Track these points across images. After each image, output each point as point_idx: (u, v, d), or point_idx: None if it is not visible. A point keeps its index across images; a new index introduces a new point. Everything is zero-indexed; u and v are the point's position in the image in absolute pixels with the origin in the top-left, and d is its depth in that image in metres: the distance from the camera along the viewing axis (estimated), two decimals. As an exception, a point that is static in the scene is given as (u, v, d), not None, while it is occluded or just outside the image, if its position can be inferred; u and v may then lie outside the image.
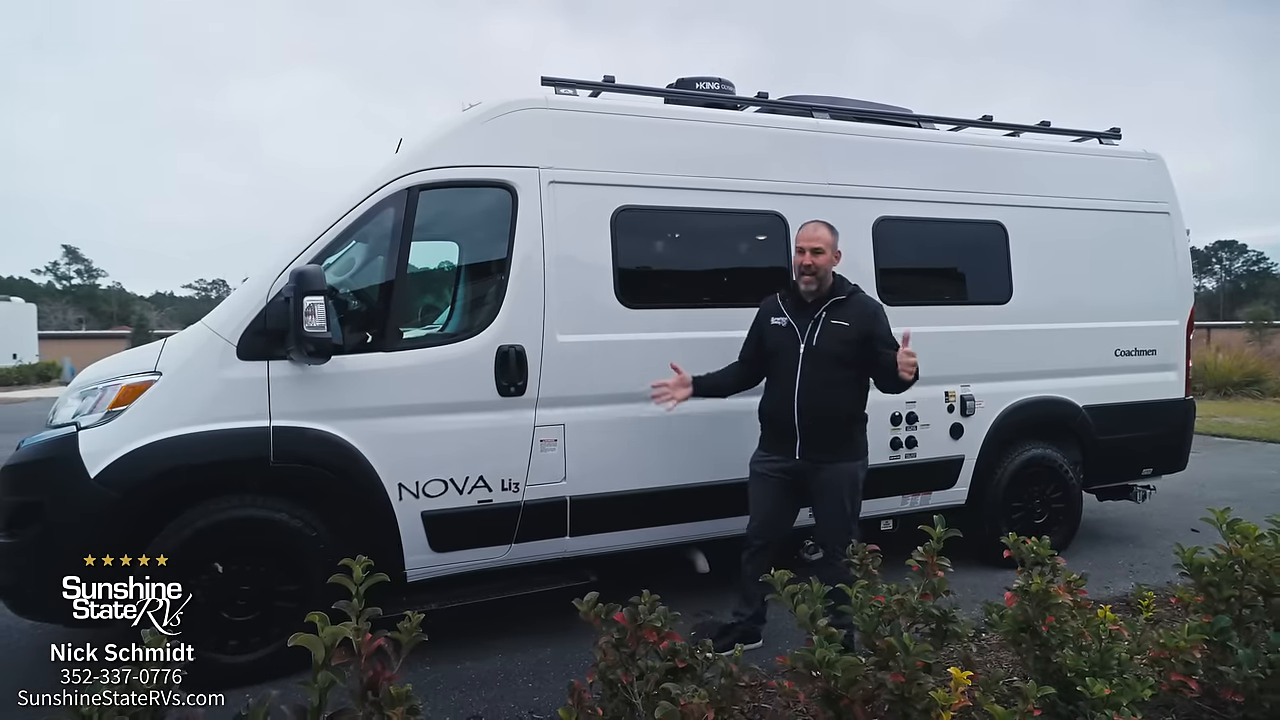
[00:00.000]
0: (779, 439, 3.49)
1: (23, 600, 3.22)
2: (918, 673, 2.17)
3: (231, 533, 3.21)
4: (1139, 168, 5.31)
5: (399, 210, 3.51)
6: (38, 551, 3.08)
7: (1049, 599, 2.53)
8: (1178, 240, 5.35)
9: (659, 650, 2.17)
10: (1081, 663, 2.48)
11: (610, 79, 4.15)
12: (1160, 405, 5.22)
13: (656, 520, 3.93)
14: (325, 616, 1.55)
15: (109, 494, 3.05)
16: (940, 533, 2.53)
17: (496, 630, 3.78)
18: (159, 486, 3.12)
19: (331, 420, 3.34)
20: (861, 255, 4.37)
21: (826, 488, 3.42)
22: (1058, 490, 4.94)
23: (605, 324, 3.79)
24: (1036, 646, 2.56)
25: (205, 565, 3.17)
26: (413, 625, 2.03)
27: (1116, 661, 2.52)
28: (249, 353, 3.26)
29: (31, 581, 3.12)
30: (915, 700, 2.18)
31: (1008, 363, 4.74)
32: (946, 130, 5.07)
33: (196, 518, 3.16)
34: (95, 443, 3.11)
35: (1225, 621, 2.69)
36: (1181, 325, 5.32)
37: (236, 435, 3.20)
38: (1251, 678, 2.46)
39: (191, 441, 3.15)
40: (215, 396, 3.22)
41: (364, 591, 1.89)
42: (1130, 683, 2.39)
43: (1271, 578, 2.75)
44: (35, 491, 3.16)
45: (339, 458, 3.33)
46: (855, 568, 2.71)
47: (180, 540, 3.11)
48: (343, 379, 3.36)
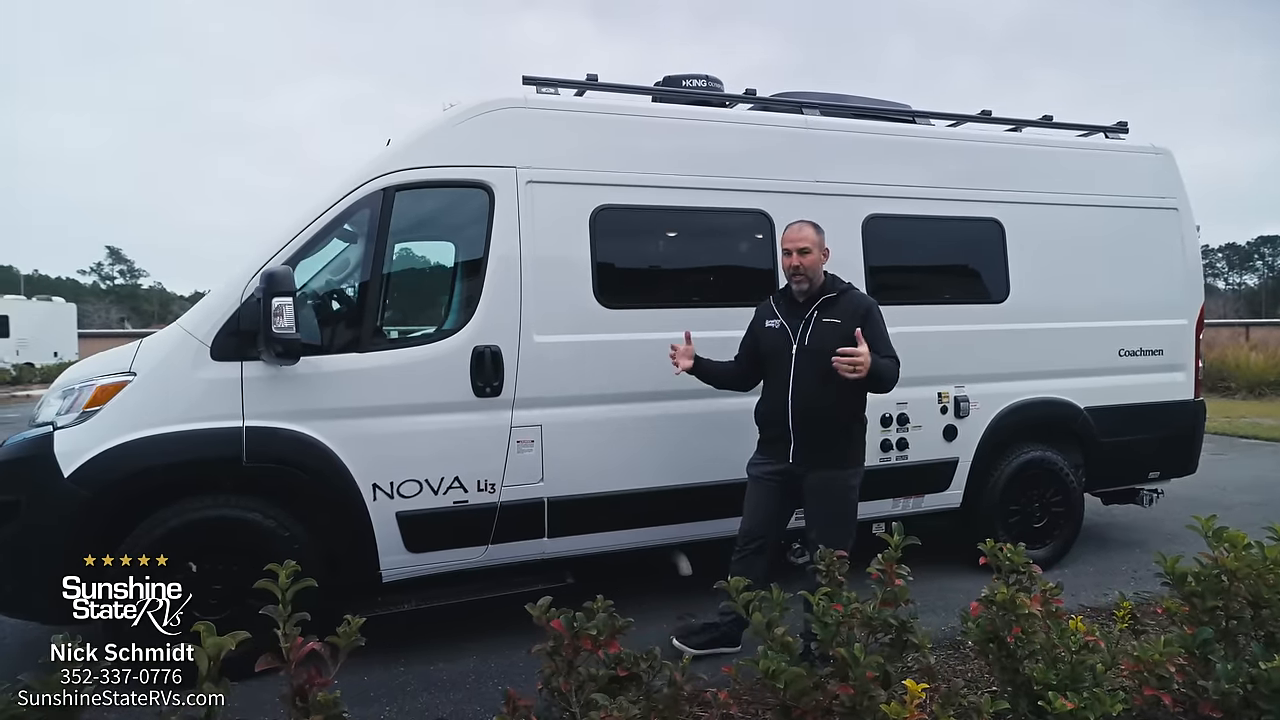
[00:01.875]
0: (774, 443, 3.42)
1: (3, 597, 3.27)
2: (868, 684, 2.11)
3: (205, 533, 3.23)
4: (1146, 163, 5.15)
5: (375, 211, 3.51)
6: (16, 550, 3.13)
7: (1015, 608, 2.45)
8: (1187, 237, 5.18)
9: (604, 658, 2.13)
10: (1050, 675, 2.39)
11: (593, 77, 4.11)
12: (1167, 407, 5.06)
13: (637, 522, 3.89)
14: (211, 627, 1.53)
15: (81, 493, 3.09)
16: (898, 540, 2.45)
17: (472, 631, 3.77)
18: (131, 486, 3.15)
19: (305, 421, 3.35)
20: (851, 254, 4.29)
21: (821, 494, 3.33)
22: (1058, 494, 4.80)
23: (584, 324, 3.75)
24: (1004, 657, 2.48)
25: (180, 565, 3.19)
26: (351, 629, 2.00)
27: (1090, 674, 2.43)
28: (223, 353, 3.28)
29: (11, 579, 3.18)
30: (865, 713, 2.12)
31: (1004, 363, 4.62)
32: (944, 126, 4.97)
33: (170, 517, 3.18)
34: (69, 442, 3.15)
35: (1208, 634, 2.58)
36: (1190, 324, 5.14)
37: (209, 435, 3.22)
38: (1230, 693, 2.36)
39: (164, 441, 3.18)
40: (188, 397, 3.24)
41: (291, 597, 1.87)
42: (1100, 696, 2.31)
43: (1260, 589, 2.64)
44: (13, 490, 3.20)
45: (312, 458, 3.34)
46: (821, 574, 2.65)
47: (153, 539, 3.12)
48: (317, 379, 3.37)
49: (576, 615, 2.07)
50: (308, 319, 3.46)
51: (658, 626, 3.72)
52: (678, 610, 3.95)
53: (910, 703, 2.11)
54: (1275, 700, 2.29)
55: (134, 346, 3.42)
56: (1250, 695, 2.35)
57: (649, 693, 2.15)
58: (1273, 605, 2.64)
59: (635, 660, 2.14)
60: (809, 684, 2.14)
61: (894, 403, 4.32)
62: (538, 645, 2.04)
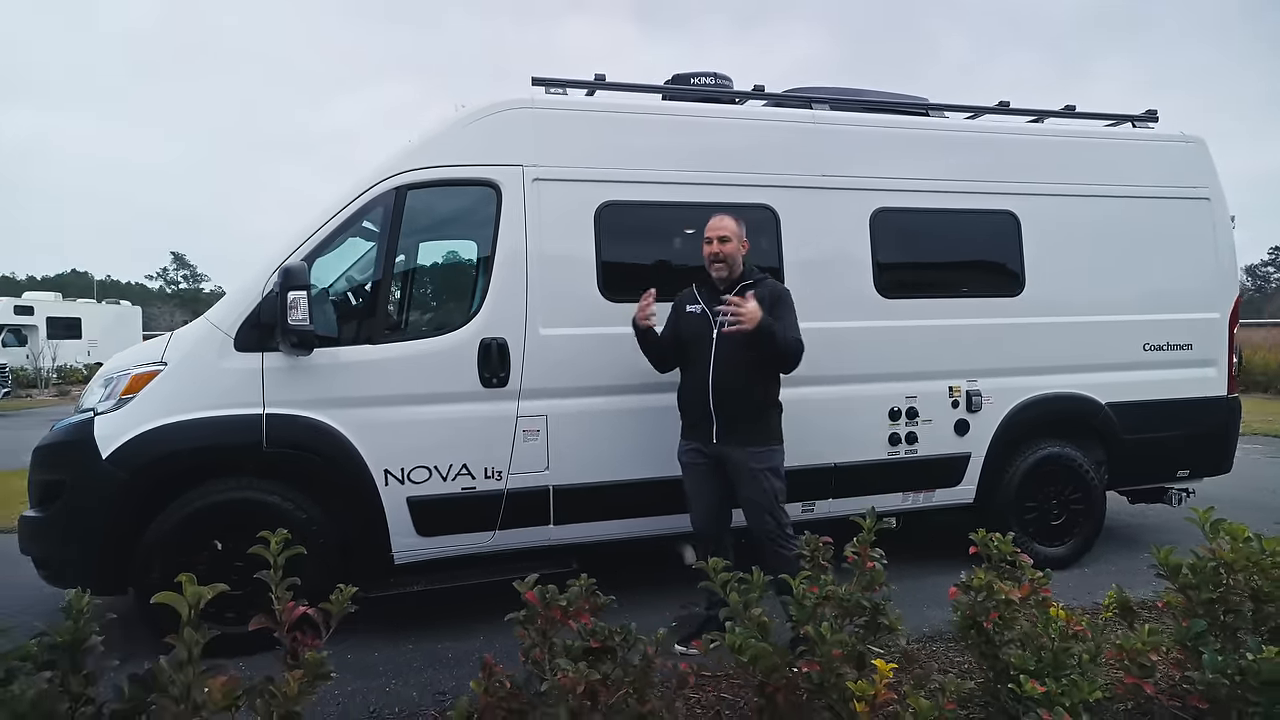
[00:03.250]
0: (697, 425, 3.50)
1: (53, 570, 3.53)
2: (834, 662, 2.16)
3: (228, 513, 3.43)
4: (1175, 152, 5.01)
5: (387, 209, 3.67)
6: (63, 524, 3.38)
7: (993, 594, 2.46)
8: (1219, 228, 5.01)
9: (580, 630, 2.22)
10: (1028, 660, 2.40)
11: (601, 77, 4.21)
12: (1197, 403, 4.91)
13: (640, 511, 3.97)
14: (192, 577, 1.67)
15: (118, 473, 3.32)
16: (871, 524, 2.49)
17: (479, 614, 3.89)
18: (161, 468, 3.38)
19: (321, 408, 3.53)
20: (858, 248, 4.30)
21: (745, 473, 3.41)
22: (1077, 491, 4.71)
23: (588, 317, 3.85)
24: (983, 643, 2.49)
25: (206, 543, 3.40)
26: (343, 598, 2.14)
27: (1076, 663, 2.43)
28: (245, 344, 3.48)
29: (59, 551, 3.44)
30: (833, 690, 2.17)
31: (1019, 357, 4.55)
32: (962, 119, 4.93)
33: (195, 498, 3.40)
34: (108, 427, 3.39)
35: (1201, 626, 2.54)
36: (1223, 318, 4.98)
37: (232, 421, 3.43)
38: (1216, 683, 2.33)
39: (190, 427, 3.40)
40: (213, 385, 3.45)
41: (282, 561, 2.01)
42: (1078, 683, 2.31)
43: (1259, 581, 2.59)
44: (59, 470, 3.47)
45: (327, 444, 3.52)
46: (805, 559, 2.70)
47: (181, 518, 3.35)
48: (332, 369, 3.55)
49: (549, 588, 2.17)
50: (325, 312, 3.65)
51: (660, 614, 3.79)
52: (681, 600, 4.02)
53: (879, 682, 2.15)
54: (1264, 692, 2.25)
55: (166, 338, 3.66)
56: (1239, 687, 2.31)
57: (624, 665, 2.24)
58: (1275, 599, 2.59)
59: (610, 634, 2.23)
60: (778, 661, 2.20)
61: (903, 396, 4.32)
62: (511, 614, 2.15)
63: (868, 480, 4.29)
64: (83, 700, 1.68)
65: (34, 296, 26.04)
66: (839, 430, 4.23)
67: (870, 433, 4.30)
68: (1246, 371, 16.84)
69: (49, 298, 26.39)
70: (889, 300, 4.32)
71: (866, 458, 4.28)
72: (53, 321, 24.18)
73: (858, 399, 4.26)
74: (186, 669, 1.52)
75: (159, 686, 1.55)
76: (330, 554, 3.51)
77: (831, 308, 4.18)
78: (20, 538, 3.55)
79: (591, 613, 2.29)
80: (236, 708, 1.78)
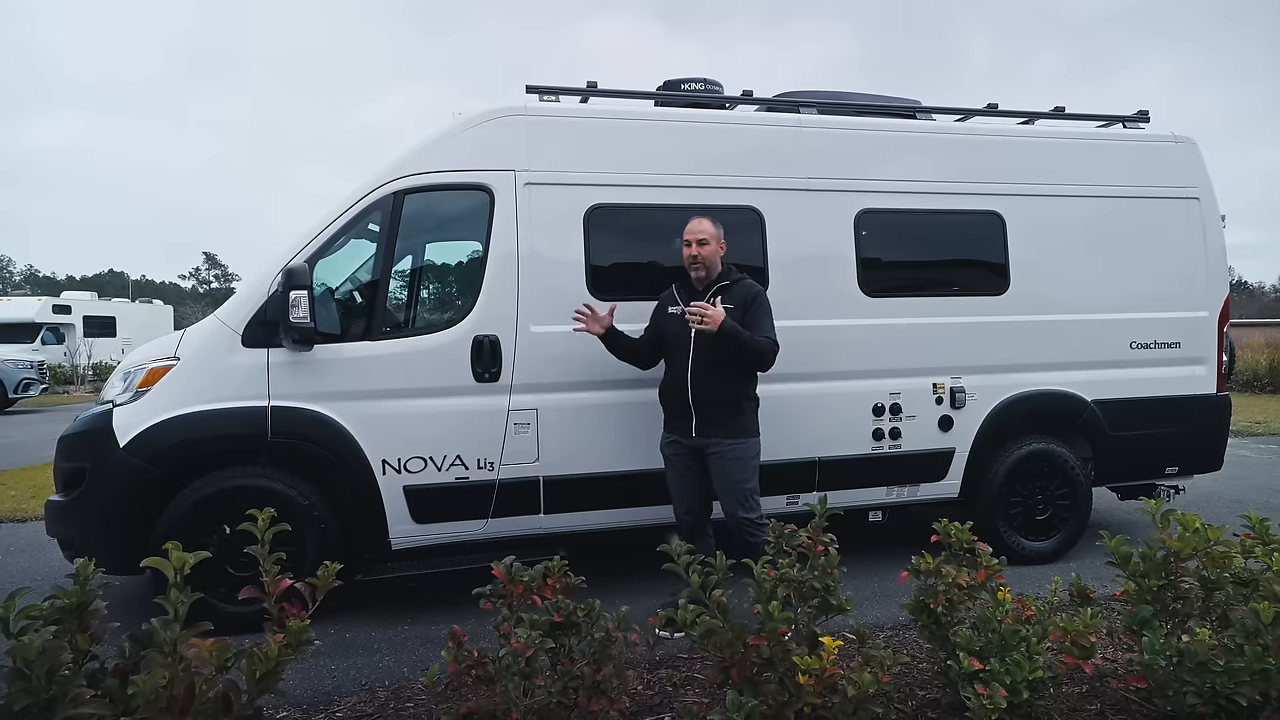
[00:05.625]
0: (677, 418, 3.68)
1: (76, 551, 3.78)
2: (779, 638, 2.30)
3: (235, 500, 3.64)
4: (1164, 152, 5.05)
5: (386, 212, 3.88)
6: (85, 509, 3.63)
7: (941, 577, 2.58)
8: (1209, 227, 5.05)
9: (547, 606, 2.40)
10: (975, 642, 2.52)
11: (593, 84, 4.38)
12: (1185, 401, 4.95)
13: (627, 502, 4.13)
14: (178, 544, 1.86)
15: (134, 461, 3.56)
16: (822, 509, 2.62)
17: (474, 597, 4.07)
18: (173, 456, 3.60)
19: (323, 401, 3.74)
20: (843, 248, 4.42)
21: (722, 462, 3.59)
22: (1063, 487, 4.78)
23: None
24: (931, 624, 2.62)
25: (215, 527, 3.63)
26: (329, 573, 2.33)
27: (1025, 645, 2.54)
28: (252, 340, 3.71)
29: (81, 533, 3.69)
30: (780, 663, 2.32)
31: (1003, 355, 4.64)
32: (950, 121, 5.02)
33: (204, 485, 3.62)
34: (125, 418, 3.63)
35: (1147, 612, 2.65)
36: (1213, 317, 5.01)
37: (238, 413, 3.65)
38: (1153, 664, 2.44)
39: (200, 418, 3.62)
40: (222, 379, 3.68)
41: (269, 537, 2.20)
42: (1020, 662, 2.43)
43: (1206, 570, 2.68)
44: (82, 458, 3.71)
45: (328, 435, 3.73)
46: (770, 545, 2.84)
47: (190, 504, 3.58)
48: (334, 364, 3.76)
49: (515, 565, 2.35)
50: (327, 310, 3.86)
51: (647, 603, 3.94)
52: (670, 588, 4.16)
53: (825, 657, 2.30)
54: (1196, 673, 2.36)
55: (180, 334, 3.89)
56: (1175, 668, 2.42)
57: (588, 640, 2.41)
58: (1222, 584, 2.68)
59: (573, 610, 2.40)
60: (731, 637, 2.35)
61: (886, 392, 4.43)
62: (478, 589, 2.32)
63: (851, 474, 4.41)
64: (87, 656, 1.88)
65: (71, 296, 26.87)
66: (823, 425, 4.35)
67: (854, 428, 4.42)
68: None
69: (85, 297, 27.20)
70: (873, 299, 4.43)
71: (850, 452, 4.40)
72: (89, 320, 24.94)
73: (841, 395, 4.38)
74: (172, 626, 1.71)
75: (150, 644, 1.75)
76: (331, 539, 3.72)
77: (815, 307, 4.31)
78: (47, 521, 3.82)
79: (562, 592, 2.47)
80: (226, 668, 1.99)
